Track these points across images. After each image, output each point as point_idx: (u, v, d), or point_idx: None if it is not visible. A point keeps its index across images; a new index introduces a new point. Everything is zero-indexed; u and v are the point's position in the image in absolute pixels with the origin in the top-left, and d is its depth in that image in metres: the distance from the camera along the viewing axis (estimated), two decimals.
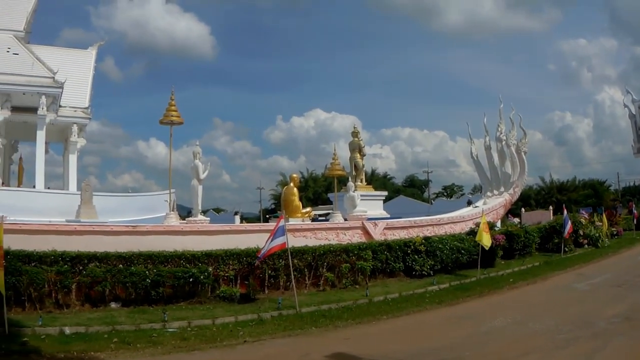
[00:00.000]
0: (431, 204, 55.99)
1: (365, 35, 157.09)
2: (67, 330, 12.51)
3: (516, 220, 36.96)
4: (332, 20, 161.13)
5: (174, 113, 19.51)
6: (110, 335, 12.28)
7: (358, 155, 29.27)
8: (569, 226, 28.08)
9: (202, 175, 19.36)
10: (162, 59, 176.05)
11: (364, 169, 30.38)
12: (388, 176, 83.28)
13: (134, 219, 25.11)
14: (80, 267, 14.98)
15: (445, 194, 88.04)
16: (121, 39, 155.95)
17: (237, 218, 42.17)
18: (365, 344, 11.89)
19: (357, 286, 18.24)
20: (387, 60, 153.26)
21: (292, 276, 16.19)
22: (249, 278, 16.63)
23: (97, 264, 15.16)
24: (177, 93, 19.83)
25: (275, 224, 16.13)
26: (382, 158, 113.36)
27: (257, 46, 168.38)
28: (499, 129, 34.32)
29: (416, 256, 20.35)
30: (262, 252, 15.57)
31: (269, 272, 17.00)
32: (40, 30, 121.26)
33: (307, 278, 17.82)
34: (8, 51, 32.13)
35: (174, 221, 18.92)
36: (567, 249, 28.34)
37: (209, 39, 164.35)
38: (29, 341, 11.57)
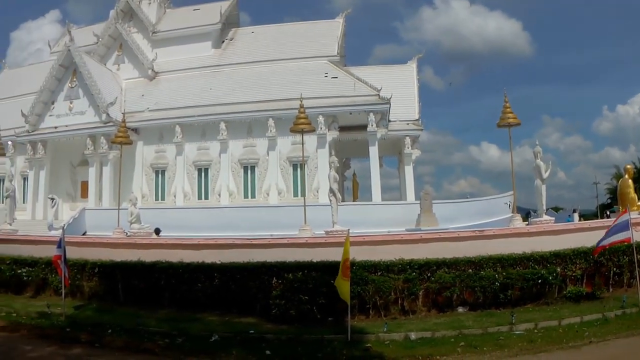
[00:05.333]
0: None
1: None
2: (413, 335, 12.70)
3: None
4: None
5: (510, 115, 19.67)
6: (456, 339, 12.37)
7: None
8: None
9: (545, 175, 19.30)
10: (480, 61, 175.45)
11: None
12: None
13: (471, 224, 24.59)
14: (429, 274, 15.25)
15: None
16: (435, 48, 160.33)
17: (576, 216, 39.41)
18: None
19: None
20: None
21: (637, 272, 15.04)
22: (594, 277, 15.98)
23: (446, 269, 15.37)
24: (501, 94, 19.89)
25: (615, 218, 15.86)
26: None
27: (570, 36, 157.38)
28: None
29: None
30: (600, 243, 15.15)
31: (614, 269, 16.13)
32: (353, 52, 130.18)
33: None
34: (326, 76, 34.62)
35: (519, 223, 18.86)
36: None
37: (523, 35, 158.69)
38: (372, 347, 12.01)
